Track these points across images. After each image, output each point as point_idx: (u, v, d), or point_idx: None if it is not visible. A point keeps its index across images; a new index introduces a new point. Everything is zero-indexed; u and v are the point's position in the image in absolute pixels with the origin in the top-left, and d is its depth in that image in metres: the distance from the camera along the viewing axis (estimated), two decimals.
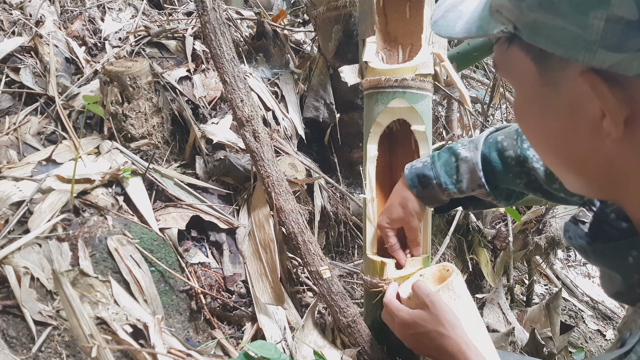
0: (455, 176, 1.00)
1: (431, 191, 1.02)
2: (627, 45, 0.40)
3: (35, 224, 1.16)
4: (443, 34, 0.58)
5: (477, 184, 0.97)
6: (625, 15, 0.39)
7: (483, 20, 0.52)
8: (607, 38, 0.41)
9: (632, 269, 0.53)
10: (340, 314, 1.17)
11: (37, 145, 1.54)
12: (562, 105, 0.49)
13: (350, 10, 1.81)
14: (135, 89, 1.56)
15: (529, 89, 0.53)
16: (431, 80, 1.18)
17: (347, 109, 1.96)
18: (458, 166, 0.99)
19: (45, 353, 1.01)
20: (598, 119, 0.46)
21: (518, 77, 0.53)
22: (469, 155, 0.98)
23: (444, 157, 1.02)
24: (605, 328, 2.54)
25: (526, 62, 0.50)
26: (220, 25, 1.32)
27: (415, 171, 1.04)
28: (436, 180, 1.00)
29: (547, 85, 0.50)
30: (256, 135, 1.30)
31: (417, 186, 1.04)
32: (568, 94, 0.48)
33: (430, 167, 1.02)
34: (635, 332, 0.52)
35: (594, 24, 0.41)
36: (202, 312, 1.30)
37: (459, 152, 1.00)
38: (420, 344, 0.93)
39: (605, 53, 0.41)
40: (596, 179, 0.53)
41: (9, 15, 2.01)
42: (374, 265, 1.14)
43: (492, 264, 2.21)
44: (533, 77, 0.51)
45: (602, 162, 0.50)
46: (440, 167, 1.01)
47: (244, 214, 1.52)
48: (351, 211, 1.85)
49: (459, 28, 0.55)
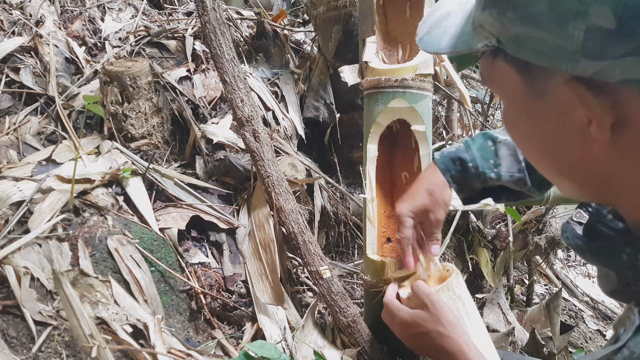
0: (492, 160, 0.96)
1: (465, 176, 0.97)
2: (608, 53, 0.41)
3: (35, 224, 1.16)
4: (429, 50, 0.60)
5: (517, 168, 0.94)
6: (603, 24, 0.40)
7: (467, 35, 0.54)
8: (587, 47, 0.42)
9: (626, 266, 0.54)
10: (340, 314, 1.17)
11: (37, 145, 1.54)
12: (550, 114, 0.50)
13: (350, 10, 1.81)
14: (135, 89, 1.56)
15: (516, 100, 0.54)
16: (431, 80, 1.17)
17: (347, 109, 1.96)
18: (497, 149, 0.96)
19: (45, 353, 1.01)
20: (585, 126, 0.47)
21: (505, 89, 0.54)
22: (509, 139, 0.95)
23: (479, 142, 0.98)
24: (605, 328, 2.54)
25: (512, 74, 0.51)
26: (220, 25, 1.32)
27: (448, 155, 0.99)
28: (472, 164, 0.95)
29: (533, 96, 0.51)
30: (256, 135, 1.30)
31: (451, 170, 0.98)
32: (554, 103, 0.49)
33: (464, 149, 0.98)
34: (629, 328, 0.53)
35: (574, 34, 0.42)
36: (202, 312, 1.30)
37: (496, 136, 0.97)
38: (420, 343, 0.93)
39: (587, 61, 0.42)
40: (589, 183, 0.54)
41: (9, 15, 2.01)
42: (374, 265, 1.14)
43: (492, 264, 2.21)
44: (519, 89, 0.51)
45: (593, 167, 0.51)
46: (477, 150, 0.97)
47: (244, 214, 1.52)
48: (351, 211, 1.85)
49: (444, 44, 0.57)
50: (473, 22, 0.53)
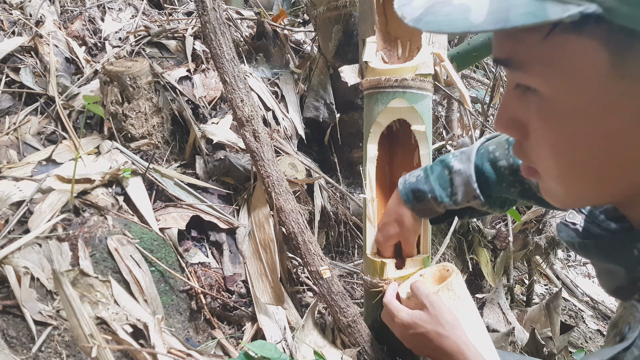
0: (449, 189, 1.00)
1: (426, 205, 1.02)
2: None
3: (35, 224, 1.16)
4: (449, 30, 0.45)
5: (472, 195, 0.97)
6: None
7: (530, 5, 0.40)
8: None
9: (636, 262, 0.52)
10: (340, 314, 1.17)
11: (37, 145, 1.54)
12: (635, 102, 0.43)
13: (350, 10, 1.81)
14: (135, 89, 1.56)
15: (590, 86, 0.44)
16: (431, 80, 1.17)
17: (347, 109, 1.96)
18: (452, 179, 0.99)
19: (45, 353, 1.01)
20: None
21: (574, 73, 0.44)
22: (462, 168, 0.98)
23: (437, 171, 1.02)
24: (605, 328, 2.54)
25: (596, 53, 0.42)
26: (220, 25, 1.32)
27: (409, 186, 1.04)
28: (431, 194, 1.00)
29: (621, 79, 0.42)
30: (256, 135, 1.30)
31: (412, 201, 1.04)
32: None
33: (424, 181, 1.02)
34: (635, 325, 0.51)
35: None
36: (202, 312, 1.30)
37: (452, 164, 1.00)
38: (420, 344, 0.93)
39: None
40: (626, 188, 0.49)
41: (9, 15, 2.01)
42: (374, 265, 1.14)
43: (492, 264, 2.21)
44: (601, 71, 0.42)
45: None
46: (434, 180, 1.01)
47: (244, 214, 1.52)
48: (351, 211, 1.85)
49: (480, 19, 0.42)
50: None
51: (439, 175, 1.01)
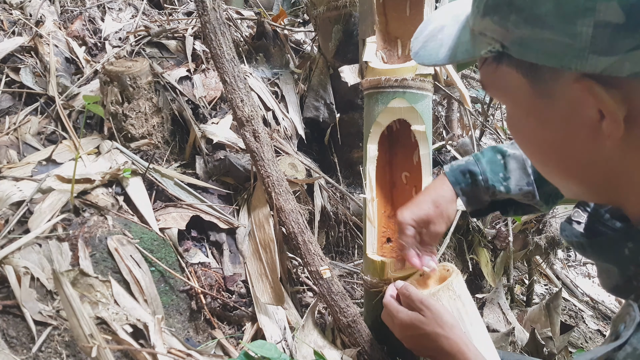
0: (502, 173, 0.96)
1: (475, 189, 0.98)
2: (618, 48, 0.41)
3: (35, 224, 1.16)
4: (427, 63, 0.61)
5: (526, 181, 0.95)
6: (612, 19, 0.40)
7: (466, 44, 0.54)
8: (597, 44, 0.42)
9: (628, 261, 0.54)
10: (340, 314, 1.17)
11: (37, 145, 1.54)
12: (558, 115, 0.50)
13: (350, 10, 1.81)
14: (135, 89, 1.56)
15: (522, 104, 0.54)
16: (431, 80, 1.17)
17: (347, 109, 1.96)
18: (506, 163, 0.97)
19: (45, 353, 1.01)
20: (596, 123, 0.47)
21: (510, 93, 0.54)
22: (518, 152, 0.96)
23: (488, 155, 0.99)
24: (605, 328, 2.54)
25: (517, 77, 0.51)
26: (221, 25, 1.32)
27: (458, 168, 0.99)
28: (482, 176, 0.96)
29: (541, 97, 0.51)
30: (256, 135, 1.30)
31: (461, 183, 0.98)
32: (563, 103, 0.49)
33: (474, 163, 0.98)
34: (630, 324, 0.52)
35: (582, 31, 0.42)
36: (202, 312, 1.30)
37: (505, 149, 0.98)
38: (420, 345, 0.93)
39: (596, 58, 0.42)
40: (597, 183, 0.54)
41: (9, 15, 2.01)
42: (374, 265, 1.14)
43: (492, 264, 2.21)
44: (525, 91, 0.51)
45: (602, 164, 0.51)
46: (487, 163, 0.97)
47: (244, 214, 1.52)
48: (351, 211, 1.85)
49: (442, 55, 0.58)
50: (472, 31, 0.53)
51: (490, 159, 0.98)
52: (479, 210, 1.05)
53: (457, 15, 0.59)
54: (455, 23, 0.58)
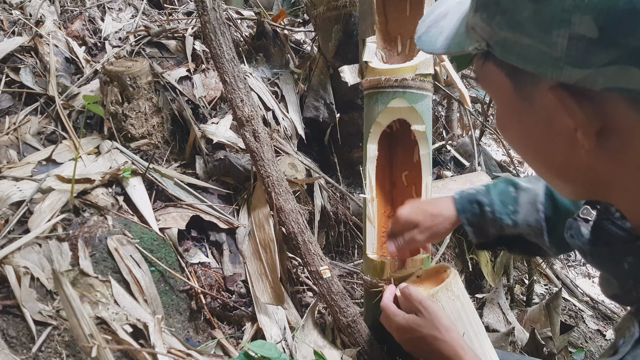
0: (511, 206, 0.93)
1: (481, 220, 0.96)
2: (591, 61, 0.41)
3: (35, 223, 1.16)
4: (425, 50, 0.60)
5: (535, 218, 0.91)
6: (586, 33, 0.40)
7: (460, 37, 0.54)
8: (571, 55, 0.42)
9: (627, 275, 0.54)
10: (340, 314, 1.17)
11: (37, 145, 1.54)
12: (537, 119, 0.51)
13: (350, 10, 1.81)
14: (135, 88, 1.56)
15: (506, 103, 0.54)
16: (431, 80, 1.17)
17: (347, 109, 1.96)
18: (517, 197, 0.94)
19: (45, 353, 1.01)
20: (571, 131, 0.48)
21: (496, 91, 0.55)
22: (531, 186, 0.93)
23: (500, 187, 0.97)
24: (605, 328, 2.54)
25: (502, 77, 0.51)
26: (220, 25, 1.32)
27: (467, 197, 0.98)
28: (489, 208, 0.94)
29: (522, 100, 0.51)
30: (256, 135, 1.30)
31: (467, 212, 0.97)
32: (541, 108, 0.49)
33: (484, 193, 0.96)
34: (628, 340, 0.52)
35: (558, 41, 0.42)
36: (202, 312, 1.30)
37: (519, 182, 0.95)
38: (417, 348, 0.93)
39: (571, 69, 0.42)
40: (583, 184, 0.54)
41: (9, 15, 2.01)
42: (374, 265, 1.14)
43: (492, 264, 2.21)
44: (509, 92, 0.52)
45: (582, 169, 0.51)
46: (496, 195, 0.95)
47: (244, 214, 1.52)
48: (351, 211, 1.85)
49: (439, 44, 0.57)
50: (466, 24, 0.53)
51: (502, 191, 0.96)
52: (485, 243, 1.02)
53: (461, 3, 0.59)
54: (458, 11, 0.58)
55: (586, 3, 0.39)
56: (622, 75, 0.40)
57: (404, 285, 1.00)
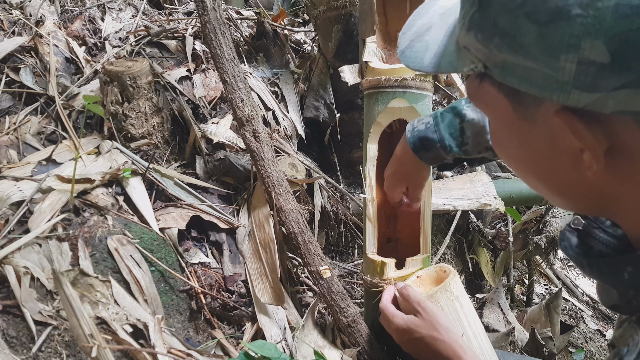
0: (460, 139, 0.96)
1: (435, 153, 0.98)
2: (601, 86, 0.40)
3: (36, 223, 1.16)
4: (412, 67, 0.57)
5: (484, 146, 0.94)
6: (597, 58, 0.39)
7: (451, 55, 0.52)
8: (580, 80, 0.40)
9: (627, 285, 0.53)
10: (340, 314, 1.17)
11: (37, 145, 1.54)
12: (541, 139, 0.49)
13: (350, 10, 1.81)
14: (135, 88, 1.56)
15: (505, 123, 0.52)
16: (431, 80, 1.18)
17: (347, 109, 1.96)
18: (463, 128, 0.95)
19: (45, 353, 1.01)
20: (578, 152, 0.46)
21: (493, 110, 0.53)
22: (476, 117, 0.94)
23: (447, 118, 0.97)
24: (605, 328, 2.54)
25: (499, 98, 0.49)
26: (221, 25, 1.32)
27: (417, 134, 0.99)
28: (440, 144, 0.96)
29: (523, 120, 0.49)
30: (256, 135, 1.30)
31: (420, 150, 0.99)
32: (544, 129, 0.48)
33: (433, 129, 0.97)
34: (632, 349, 0.51)
35: (565, 66, 0.40)
36: (202, 312, 1.30)
37: (464, 112, 0.96)
38: (417, 348, 0.93)
39: (579, 93, 0.41)
40: (585, 201, 0.53)
41: (9, 15, 2.01)
42: (374, 265, 1.14)
43: (492, 264, 2.21)
44: (508, 112, 0.50)
45: (587, 189, 0.50)
46: (444, 129, 0.96)
47: (244, 214, 1.52)
48: (351, 211, 1.85)
49: (427, 62, 0.55)
50: (457, 43, 0.51)
51: (449, 124, 0.97)
52: (445, 165, 1.06)
53: (444, 15, 0.56)
54: (443, 25, 0.55)
55: (597, 28, 0.38)
56: (634, 98, 0.39)
57: (403, 285, 1.00)
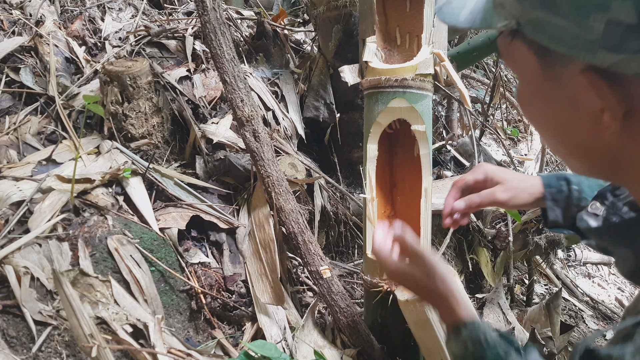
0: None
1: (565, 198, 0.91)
2: (627, 47, 0.42)
3: (36, 223, 1.16)
4: (447, 22, 0.58)
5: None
6: (625, 19, 0.41)
7: (487, 12, 0.53)
8: (607, 39, 0.42)
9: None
10: (340, 313, 1.17)
11: (37, 145, 1.54)
12: (564, 99, 0.51)
13: (350, 10, 1.81)
14: (135, 88, 1.56)
15: (532, 81, 0.55)
16: (431, 80, 1.17)
17: (347, 109, 1.96)
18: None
19: (45, 353, 1.01)
20: (598, 113, 0.48)
21: (521, 68, 0.55)
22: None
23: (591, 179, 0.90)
24: (605, 328, 2.54)
25: (529, 55, 0.52)
26: (221, 25, 1.32)
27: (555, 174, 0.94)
28: (577, 187, 0.90)
29: (549, 79, 0.52)
30: (256, 135, 1.30)
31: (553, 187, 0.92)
32: (569, 89, 0.50)
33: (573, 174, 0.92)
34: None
35: (594, 26, 0.42)
36: (202, 312, 1.30)
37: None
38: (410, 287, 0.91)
39: (605, 53, 0.43)
40: (599, 164, 0.55)
41: (9, 15, 2.01)
42: (374, 265, 1.14)
43: (492, 264, 2.21)
44: (536, 71, 0.52)
45: (603, 150, 0.52)
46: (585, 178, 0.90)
47: (244, 214, 1.52)
48: (351, 211, 1.85)
49: (463, 17, 0.56)
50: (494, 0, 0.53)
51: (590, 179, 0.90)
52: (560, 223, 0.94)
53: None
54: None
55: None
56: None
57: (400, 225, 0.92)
